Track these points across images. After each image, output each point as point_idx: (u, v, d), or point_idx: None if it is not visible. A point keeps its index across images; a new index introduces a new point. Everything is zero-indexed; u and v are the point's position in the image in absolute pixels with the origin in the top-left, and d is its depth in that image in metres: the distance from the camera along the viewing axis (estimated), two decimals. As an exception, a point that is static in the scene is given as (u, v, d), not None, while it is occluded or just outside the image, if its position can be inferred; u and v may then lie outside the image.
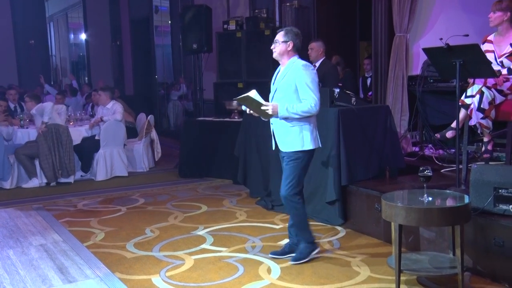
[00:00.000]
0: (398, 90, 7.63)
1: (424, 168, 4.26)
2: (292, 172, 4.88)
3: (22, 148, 8.77)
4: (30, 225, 6.53)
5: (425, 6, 7.69)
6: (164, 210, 6.97)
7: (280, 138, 4.94)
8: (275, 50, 4.95)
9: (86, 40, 17.94)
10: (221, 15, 11.19)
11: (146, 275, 4.77)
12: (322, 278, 4.56)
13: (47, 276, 4.86)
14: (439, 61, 5.37)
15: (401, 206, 4.14)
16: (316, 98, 4.74)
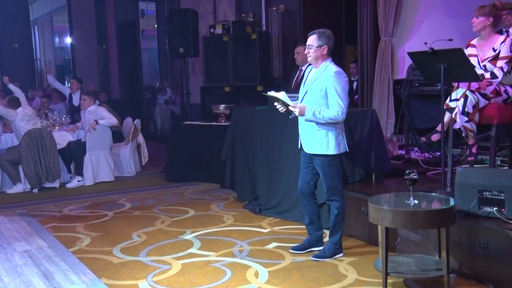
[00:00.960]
0: (384, 93, 7.67)
1: (410, 171, 4.30)
2: (330, 176, 4.97)
3: (4, 154, 8.72)
4: (14, 231, 6.49)
5: (410, 10, 7.74)
6: (151, 215, 6.95)
7: (305, 139, 5.02)
8: (310, 55, 4.97)
9: (72, 43, 17.87)
10: (208, 19, 11.20)
11: (133, 280, 4.76)
12: (310, 281, 4.57)
13: (32, 282, 4.83)
14: (424, 65, 5.42)
15: (388, 209, 4.18)
16: (343, 106, 4.80)
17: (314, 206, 5.22)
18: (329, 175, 4.99)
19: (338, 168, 5.04)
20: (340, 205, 5.06)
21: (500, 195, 4.45)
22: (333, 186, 5.02)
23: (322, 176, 5.05)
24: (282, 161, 6.53)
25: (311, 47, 4.94)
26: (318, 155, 4.97)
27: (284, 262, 5.06)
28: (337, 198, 5.05)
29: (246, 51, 9.60)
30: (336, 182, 5.02)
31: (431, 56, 5.18)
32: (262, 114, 6.98)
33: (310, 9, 9.20)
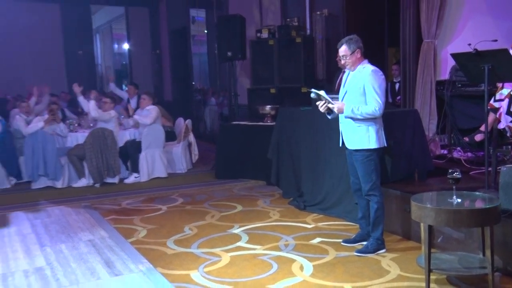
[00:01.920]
0: (427, 94, 7.54)
1: (453, 170, 4.20)
2: (369, 171, 4.96)
3: (72, 149, 8.93)
4: (80, 222, 6.64)
5: (453, 12, 7.56)
6: (202, 209, 7.00)
7: (347, 136, 5.03)
8: (347, 64, 4.98)
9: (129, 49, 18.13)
10: (254, 24, 11.20)
11: (185, 270, 4.80)
12: (353, 276, 4.52)
13: (95, 269, 4.93)
14: (468, 66, 5.29)
15: (431, 207, 4.09)
16: (380, 102, 4.80)
17: (366, 201, 5.16)
18: (368, 170, 4.97)
19: (376, 163, 5.01)
20: (379, 200, 5.02)
21: (546, 194, 4.34)
22: (371, 180, 4.98)
23: (361, 172, 5.02)
24: (326, 160, 6.49)
25: (346, 56, 4.97)
26: (359, 150, 4.97)
27: (328, 257, 5.02)
28: (376, 193, 5.01)
29: (291, 54, 9.58)
30: (375, 177, 4.99)
31: (475, 57, 5.05)
32: (306, 115, 6.95)
33: (353, 13, 9.12)
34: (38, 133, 8.83)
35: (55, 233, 6.18)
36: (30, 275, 4.92)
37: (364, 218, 5.25)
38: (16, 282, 4.73)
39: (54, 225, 6.56)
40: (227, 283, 4.47)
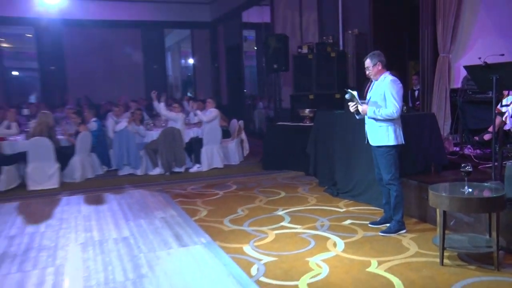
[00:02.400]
0: (442, 100, 7.42)
1: (465, 164, 4.18)
2: (389, 164, 4.95)
3: (149, 144, 9.12)
4: (155, 203, 6.78)
5: (465, 31, 7.42)
6: (252, 195, 7.04)
7: (370, 135, 5.06)
8: (370, 74, 5.01)
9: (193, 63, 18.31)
10: (296, 41, 11.18)
11: (239, 244, 4.87)
12: (379, 252, 4.52)
13: (167, 240, 5.05)
14: (478, 76, 5.23)
15: (446, 195, 4.10)
16: (398, 106, 4.82)
17: (388, 189, 5.13)
18: (387, 163, 4.96)
19: (395, 158, 4.98)
20: (397, 189, 4.99)
21: (544, 185, 4.26)
22: (390, 172, 4.97)
23: (382, 165, 5.01)
24: (356, 155, 6.47)
25: (369, 68, 5.01)
26: (380, 146, 4.97)
27: (357, 236, 5.02)
28: (395, 183, 4.98)
29: (326, 66, 9.53)
30: (394, 169, 4.96)
31: (484, 68, 4.99)
32: (340, 117, 6.94)
33: (379, 32, 9.02)
34: (123, 131, 9.05)
35: (136, 211, 6.36)
36: (119, 242, 5.11)
37: (388, 204, 5.22)
38: (110, 247, 4.94)
39: (135, 204, 6.73)
40: (273, 255, 4.51)
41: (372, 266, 4.16)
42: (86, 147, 8.87)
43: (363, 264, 4.21)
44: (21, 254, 4.88)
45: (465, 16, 7.38)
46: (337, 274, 4.02)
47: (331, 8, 10.16)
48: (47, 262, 4.63)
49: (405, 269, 4.08)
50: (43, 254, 4.87)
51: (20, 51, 17.30)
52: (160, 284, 3.95)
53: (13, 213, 6.55)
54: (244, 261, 4.38)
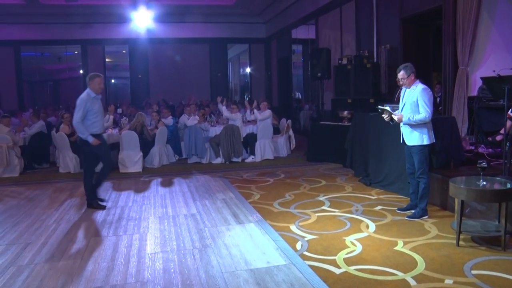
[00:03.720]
0: (460, 106, 7.18)
1: (481, 161, 4.12)
2: (421, 161, 4.88)
3: (213, 138, 9.26)
4: (216, 186, 6.90)
5: (481, 47, 7.17)
6: (297, 182, 7.04)
7: (406, 136, 4.97)
8: (404, 84, 4.91)
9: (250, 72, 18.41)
10: (337, 54, 11.06)
11: (286, 223, 4.90)
12: (404, 233, 4.46)
13: (227, 218, 5.15)
14: (493, 86, 5.07)
15: (464, 187, 4.02)
16: (429, 111, 4.73)
17: (416, 181, 5.04)
18: (420, 160, 4.86)
19: (426, 155, 4.89)
20: (426, 181, 4.89)
21: (547, 181, 4.09)
22: (422, 168, 4.87)
23: (416, 161, 4.91)
24: (386, 150, 6.37)
25: (403, 79, 4.90)
26: (415, 145, 4.87)
27: (386, 219, 4.96)
28: (424, 176, 4.88)
29: (362, 75, 9.37)
30: (424, 165, 4.87)
31: (498, 80, 4.86)
32: (373, 118, 6.82)
33: (407, 47, 8.80)
34: (192, 127, 9.24)
35: (201, 192, 6.50)
36: (188, 217, 5.25)
37: (414, 194, 5.12)
38: (181, 221, 5.10)
39: (201, 187, 6.88)
40: (315, 234, 4.53)
41: (399, 246, 4.10)
42: (163, 139, 9.12)
43: (391, 244, 4.16)
44: (115, 222, 5.15)
45: (480, 35, 7.15)
46: (369, 251, 3.99)
47: (367, 26, 9.98)
48: (133, 229, 4.85)
49: (426, 248, 4.01)
50: (130, 223, 5.09)
51: (117, 63, 18.35)
52: (221, 253, 4.04)
53: (109, 190, 6.87)
54: (290, 237, 4.41)
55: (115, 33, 15.83)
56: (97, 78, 5.66)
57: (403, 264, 3.66)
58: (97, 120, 5.64)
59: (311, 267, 3.65)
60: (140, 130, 8.66)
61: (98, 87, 5.64)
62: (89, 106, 5.55)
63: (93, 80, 5.64)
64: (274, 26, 16.25)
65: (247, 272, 3.60)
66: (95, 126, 5.63)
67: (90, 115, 5.57)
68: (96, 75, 5.71)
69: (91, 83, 5.64)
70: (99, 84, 5.66)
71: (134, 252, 4.15)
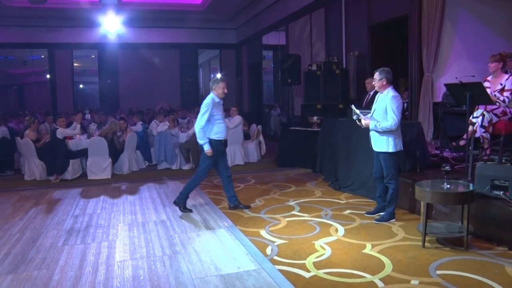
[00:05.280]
0: (426, 111, 7.40)
1: (445, 164, 4.24)
2: (388, 167, 4.93)
3: (183, 144, 9.18)
4: (186, 193, 6.83)
5: (445, 55, 7.45)
6: (268, 188, 7.05)
7: (374, 141, 5.03)
8: (375, 85, 4.97)
9: (221, 77, 18.43)
10: (307, 60, 11.20)
11: (256, 228, 4.90)
12: (373, 236, 4.54)
13: (197, 224, 5.12)
14: (455, 92, 5.23)
15: (429, 190, 4.13)
16: (397, 120, 4.76)
17: (383, 185, 5.13)
18: (388, 166, 4.92)
19: (394, 161, 4.95)
20: (394, 187, 4.96)
21: (505, 183, 4.28)
22: (390, 173, 4.93)
23: (384, 167, 4.98)
24: (355, 155, 6.48)
25: (375, 80, 4.94)
26: (381, 152, 4.93)
27: (355, 223, 5.03)
28: (393, 181, 4.95)
29: (332, 81, 9.51)
30: (392, 171, 4.93)
31: (460, 86, 5.00)
32: (342, 124, 6.95)
33: (375, 54, 9.01)
34: (162, 133, 9.16)
35: (172, 198, 6.37)
36: (157, 224, 5.19)
37: (380, 197, 5.21)
38: (150, 228, 5.04)
39: (171, 193, 6.81)
40: (285, 238, 4.54)
41: (367, 248, 4.17)
42: (133, 146, 9.00)
43: (360, 247, 4.23)
44: (83, 230, 5.04)
45: (444, 43, 7.42)
46: (338, 254, 4.04)
47: (336, 33, 10.16)
48: (102, 237, 4.76)
49: (393, 250, 4.09)
50: (99, 230, 4.99)
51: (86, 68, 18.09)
52: (191, 259, 4.02)
53: (77, 197, 6.73)
54: (260, 242, 4.42)
55: (83, 37, 15.60)
56: (222, 83, 5.59)
57: (371, 267, 3.72)
58: (221, 125, 5.56)
59: (281, 271, 3.67)
60: (110, 138, 8.54)
61: (222, 92, 5.58)
62: (213, 111, 5.47)
63: (218, 84, 5.57)
64: (245, 32, 16.33)
65: (217, 278, 3.59)
66: (218, 132, 5.54)
67: (213, 120, 5.50)
68: (220, 80, 5.62)
69: (215, 88, 5.57)
70: (223, 89, 5.59)
71: (103, 260, 4.08)
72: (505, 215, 4.09)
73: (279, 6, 12.95)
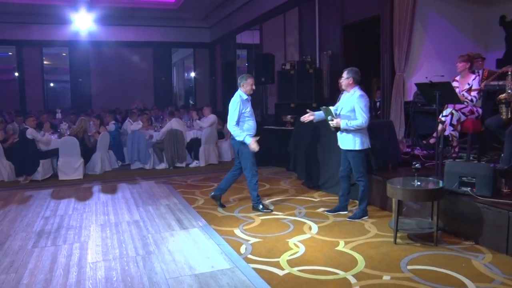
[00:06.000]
0: (398, 110, 7.53)
1: (415, 162, 4.32)
2: (357, 165, 4.98)
3: (156, 143, 9.10)
4: (160, 192, 6.79)
5: (415, 56, 7.61)
6: (241, 186, 7.00)
7: (340, 139, 5.06)
8: (342, 83, 5.01)
9: (194, 77, 18.29)
10: (281, 59, 11.24)
11: (230, 227, 4.90)
12: (346, 234, 4.59)
13: (171, 224, 5.07)
14: (425, 92, 5.33)
15: (400, 187, 4.20)
16: (366, 117, 4.81)
17: (348, 184, 5.20)
18: (356, 164, 4.98)
19: (363, 159, 5.00)
20: (364, 184, 5.03)
21: (472, 180, 4.41)
22: (359, 171, 4.99)
23: (352, 165, 5.03)
24: (328, 153, 6.52)
25: (342, 78, 5.00)
26: (349, 150, 4.98)
27: (329, 221, 5.08)
28: (363, 179, 5.02)
29: (305, 80, 9.56)
30: (362, 168, 4.99)
31: (430, 86, 5.10)
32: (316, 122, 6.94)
33: (348, 53, 9.11)
34: (135, 132, 9.04)
35: (145, 198, 6.37)
36: (131, 224, 5.13)
37: (343, 196, 5.28)
38: (123, 228, 4.97)
39: (144, 193, 6.74)
40: (259, 237, 4.56)
41: (340, 246, 4.22)
42: (105, 145, 8.85)
43: (333, 244, 4.27)
44: (54, 232, 4.93)
45: (415, 43, 7.56)
46: (312, 252, 4.07)
47: (310, 33, 10.23)
48: (74, 238, 4.66)
49: (366, 247, 4.15)
50: (71, 232, 4.89)
51: (56, 66, 17.66)
52: (165, 259, 3.98)
53: (47, 198, 6.57)
54: (234, 241, 4.42)
55: (54, 34, 15.16)
56: (250, 79, 5.51)
57: (344, 263, 3.77)
58: (250, 122, 5.48)
59: (255, 269, 3.68)
60: (81, 137, 8.36)
61: (250, 88, 5.50)
62: (242, 108, 5.38)
63: (246, 81, 5.49)
64: (219, 31, 16.26)
65: (191, 277, 3.57)
66: (248, 129, 5.47)
67: (242, 118, 5.42)
68: (248, 76, 5.54)
69: (243, 85, 5.50)
70: (251, 85, 5.51)
71: (74, 262, 4.00)
72: (472, 211, 4.21)
73: (253, 5, 12.95)
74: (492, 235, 4.03)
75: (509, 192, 4.38)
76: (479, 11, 8.20)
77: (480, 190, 4.31)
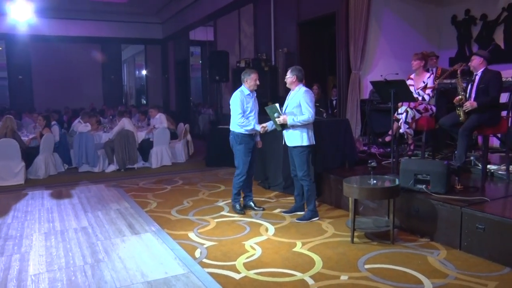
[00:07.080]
0: (354, 108, 7.70)
1: (371, 161, 4.39)
2: (302, 162, 4.99)
3: (107, 142, 8.85)
4: (110, 196, 6.61)
5: (371, 54, 7.82)
6: (196, 188, 6.99)
7: (287, 137, 5.08)
8: (286, 81, 5.07)
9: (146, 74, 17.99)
10: (235, 56, 11.24)
11: (184, 231, 4.84)
12: (303, 234, 4.63)
13: (122, 229, 4.95)
14: (381, 90, 5.47)
15: (356, 186, 4.28)
16: (312, 112, 4.88)
17: (301, 184, 5.23)
18: (301, 161, 5.00)
19: (308, 156, 5.04)
20: (309, 183, 5.05)
21: (427, 177, 4.55)
22: (303, 170, 5.01)
23: (296, 163, 5.05)
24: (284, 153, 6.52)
25: (286, 76, 5.09)
26: (295, 146, 5.01)
27: (285, 222, 5.11)
28: (307, 178, 5.04)
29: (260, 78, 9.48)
30: (306, 167, 5.01)
31: (385, 84, 5.24)
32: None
33: (304, 51, 9.24)
34: (83, 133, 8.78)
35: (93, 203, 6.18)
36: (78, 231, 4.95)
37: (299, 195, 5.33)
38: (70, 236, 4.80)
39: (93, 198, 6.54)
40: (214, 240, 4.52)
41: (297, 247, 4.25)
42: (50, 147, 8.52)
43: (290, 245, 4.30)
44: (-13, 244, 4.65)
45: (370, 41, 7.77)
46: (268, 254, 4.08)
47: (265, 30, 10.28)
48: (13, 250, 4.43)
49: (323, 247, 4.21)
50: (9, 243, 4.65)
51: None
52: (115, 267, 3.87)
53: (-20, 207, 6.22)
54: (189, 245, 4.37)
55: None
56: (254, 74, 5.39)
57: (302, 265, 3.80)
58: (252, 119, 5.35)
59: (210, 274, 3.65)
60: (12, 137, 7.92)
61: (254, 84, 5.39)
62: (244, 103, 5.23)
63: (250, 76, 5.38)
64: (172, 27, 16.07)
65: (144, 285, 3.49)
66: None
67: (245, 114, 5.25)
68: (252, 71, 5.41)
69: (247, 80, 5.38)
70: (255, 80, 5.40)
71: (13, 275, 3.80)
72: (427, 208, 4.36)
73: (207, 0, 12.88)
74: (446, 231, 4.19)
75: (462, 188, 4.58)
76: (432, 11, 8.54)
77: (434, 187, 4.47)
